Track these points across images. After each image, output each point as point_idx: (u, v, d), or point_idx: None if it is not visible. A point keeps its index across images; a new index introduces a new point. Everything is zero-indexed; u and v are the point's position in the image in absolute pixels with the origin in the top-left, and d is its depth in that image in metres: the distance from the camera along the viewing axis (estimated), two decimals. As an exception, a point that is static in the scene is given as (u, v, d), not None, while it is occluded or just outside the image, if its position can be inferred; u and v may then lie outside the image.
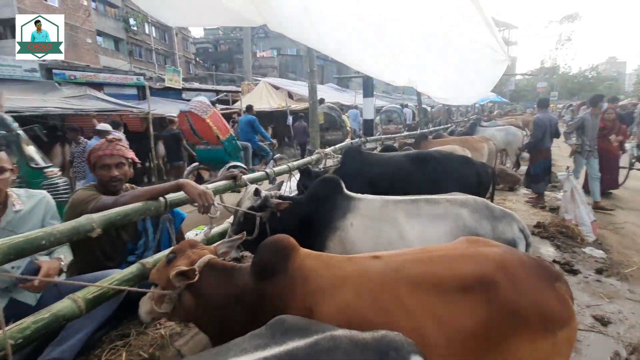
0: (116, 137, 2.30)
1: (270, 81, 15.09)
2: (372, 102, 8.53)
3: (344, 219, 2.06)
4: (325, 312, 1.24)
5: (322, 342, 0.90)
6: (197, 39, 41.38)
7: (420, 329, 1.16)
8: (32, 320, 1.35)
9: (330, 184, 2.24)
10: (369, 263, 1.35)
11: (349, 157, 3.30)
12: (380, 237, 1.93)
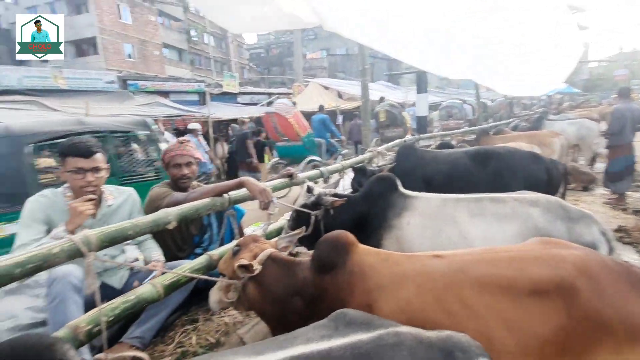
0: (185, 139, 2.52)
1: (319, 82, 15.28)
2: (425, 99, 8.24)
3: (400, 217, 2.03)
4: (384, 309, 1.23)
5: (386, 337, 0.90)
6: (251, 45, 43.26)
7: (488, 333, 1.11)
8: (121, 301, 1.54)
9: (385, 182, 2.22)
10: (430, 262, 1.32)
11: (403, 155, 3.23)
12: (439, 236, 1.87)
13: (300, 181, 2.70)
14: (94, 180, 1.83)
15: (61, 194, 1.87)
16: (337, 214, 2.12)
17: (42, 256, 1.20)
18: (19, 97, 8.87)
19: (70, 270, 1.60)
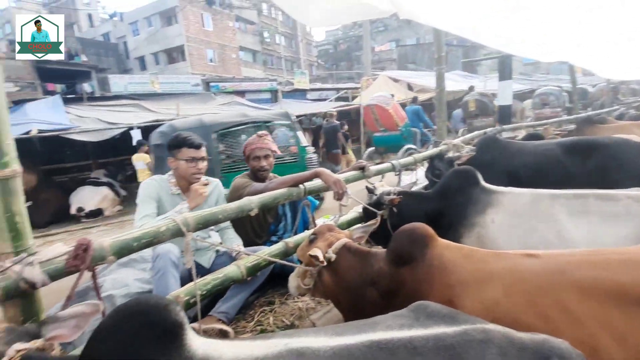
0: (264, 133, 2.66)
1: (388, 74, 14.88)
2: (509, 86, 7.47)
3: (484, 214, 1.88)
4: (468, 307, 1.17)
5: (472, 332, 0.85)
6: (319, 42, 44.01)
7: (592, 342, 0.99)
8: (212, 278, 1.71)
9: (464, 176, 2.07)
10: (522, 261, 1.21)
11: (484, 147, 2.99)
12: (531, 236, 1.68)
13: (371, 174, 2.68)
14: (202, 169, 2.13)
15: (166, 180, 2.17)
16: (406, 212, 2.04)
17: (153, 233, 1.39)
18: (125, 100, 10.35)
19: (170, 248, 1.83)
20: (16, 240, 1.12)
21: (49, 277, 1.14)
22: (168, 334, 0.80)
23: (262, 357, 0.82)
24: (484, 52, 18.59)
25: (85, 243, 1.19)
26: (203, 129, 4.39)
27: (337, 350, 0.82)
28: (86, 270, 1.21)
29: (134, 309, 0.82)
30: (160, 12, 24.24)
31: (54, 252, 1.16)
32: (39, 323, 0.94)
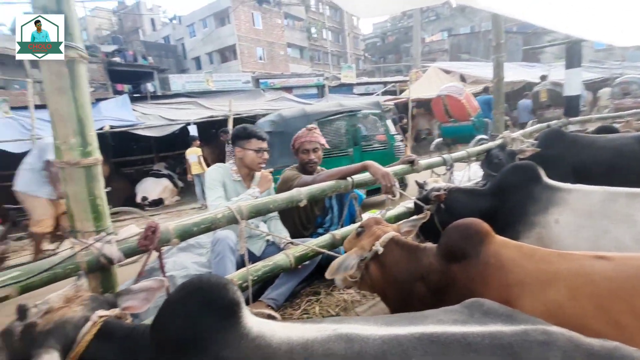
0: (313, 126, 2.70)
1: (440, 65, 14.21)
2: (578, 75, 6.76)
3: (546, 213, 1.73)
4: (527, 309, 1.10)
5: (533, 333, 0.80)
6: (366, 35, 43.26)
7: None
8: (262, 265, 1.79)
9: (524, 171, 1.92)
10: (591, 263, 1.11)
11: (549, 141, 2.75)
12: (602, 239, 1.52)
13: (420, 168, 2.60)
14: (266, 159, 2.34)
15: (228, 168, 2.34)
16: (456, 208, 1.95)
17: (210, 219, 1.50)
18: (183, 99, 11.07)
19: (228, 234, 1.95)
20: (97, 220, 1.27)
21: (123, 254, 1.27)
22: (227, 310, 0.86)
23: (312, 339, 0.84)
24: (548, 39, 16.96)
25: (153, 226, 1.32)
26: (306, 118, 4.82)
27: (386, 340, 0.82)
28: (154, 250, 1.34)
29: (197, 286, 0.90)
30: (214, 13, 25.50)
31: (128, 232, 1.29)
32: (115, 294, 1.06)
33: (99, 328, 0.89)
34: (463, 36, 25.48)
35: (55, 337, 0.83)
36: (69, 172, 1.21)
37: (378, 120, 5.45)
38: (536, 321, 0.86)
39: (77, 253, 1.18)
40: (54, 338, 0.83)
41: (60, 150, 1.18)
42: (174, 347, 0.84)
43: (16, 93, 16.65)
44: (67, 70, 1.16)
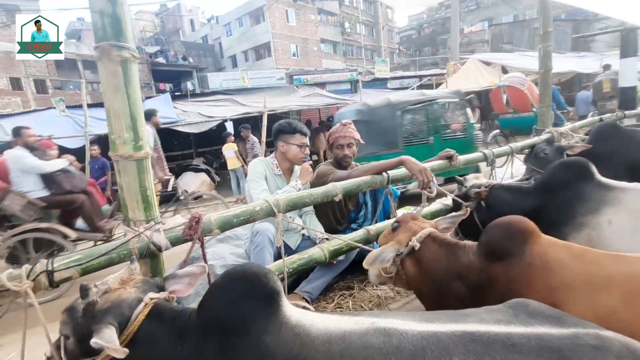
0: (348, 122, 2.69)
1: (479, 57, 13.54)
2: (634, 64, 6.17)
3: (597, 214, 1.61)
4: (574, 313, 1.04)
5: (584, 337, 0.76)
6: (401, 28, 42.20)
7: None
8: (298, 258, 1.83)
9: (574, 168, 1.79)
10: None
11: (602, 136, 2.54)
12: None
13: (459, 163, 2.52)
14: (306, 154, 2.40)
15: (270, 161, 2.41)
16: (498, 206, 1.86)
17: (249, 212, 1.55)
18: (220, 96, 11.45)
19: (268, 227, 2.01)
20: (147, 210, 1.36)
21: (170, 242, 1.35)
22: (268, 298, 0.89)
23: (349, 331, 0.85)
24: (600, 27, 15.60)
25: (197, 216, 1.39)
26: (390, 107, 5.08)
27: (425, 336, 0.81)
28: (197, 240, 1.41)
29: (241, 274, 0.94)
30: (249, 12, 26.03)
31: (175, 222, 1.37)
32: (163, 279, 1.13)
33: (150, 309, 0.95)
34: (505, 25, 24.09)
35: (112, 315, 0.91)
36: (123, 165, 1.30)
37: (458, 108, 5.49)
38: (587, 325, 0.81)
39: (130, 240, 1.27)
40: (112, 316, 0.91)
41: (115, 144, 1.28)
42: (218, 329, 0.88)
43: (71, 93, 18.09)
44: (121, 70, 1.24)
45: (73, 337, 0.94)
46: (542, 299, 1.12)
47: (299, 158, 2.36)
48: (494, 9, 28.28)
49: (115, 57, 1.22)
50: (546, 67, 3.64)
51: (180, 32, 31.64)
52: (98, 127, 7.24)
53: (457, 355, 0.75)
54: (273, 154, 2.45)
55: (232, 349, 0.85)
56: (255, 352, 0.83)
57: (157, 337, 0.93)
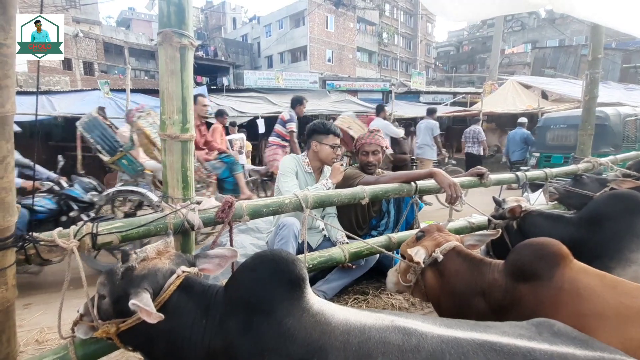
0: (376, 129, 2.71)
1: (519, 79, 13.17)
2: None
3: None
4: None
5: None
6: (440, 43, 41.73)
7: None
8: (318, 255, 1.86)
9: (627, 201, 1.68)
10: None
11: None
12: None
13: (490, 182, 2.47)
14: (338, 155, 2.45)
15: (301, 159, 2.46)
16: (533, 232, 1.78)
17: (278, 203, 1.60)
18: (254, 93, 11.74)
19: (294, 221, 2.05)
20: (185, 189, 1.43)
21: (202, 222, 1.42)
22: (293, 283, 0.93)
23: (369, 325, 0.87)
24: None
25: (230, 201, 1.45)
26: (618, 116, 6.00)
27: (444, 339, 0.82)
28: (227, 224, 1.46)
29: (270, 257, 0.98)
30: (291, 15, 26.56)
31: (209, 204, 1.44)
32: (194, 256, 1.19)
33: (181, 281, 1.01)
34: (549, 49, 23.30)
35: (148, 281, 0.97)
36: (169, 144, 1.38)
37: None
38: (614, 351, 0.80)
39: (167, 215, 1.35)
40: (148, 282, 0.97)
41: (165, 124, 1.36)
42: (243, 307, 0.93)
43: (115, 77, 19.05)
44: (179, 55, 1.33)
45: (109, 298, 1.00)
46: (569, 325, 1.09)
47: (331, 158, 2.39)
48: (540, 31, 27.46)
49: (175, 43, 1.31)
50: (592, 94, 3.51)
51: (222, 29, 32.69)
52: (137, 111, 7.60)
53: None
54: (305, 152, 2.51)
55: (255, 327, 0.89)
56: (277, 332, 0.86)
57: (184, 309, 0.98)
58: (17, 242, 1.11)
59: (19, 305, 2.75)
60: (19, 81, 10.32)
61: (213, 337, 0.93)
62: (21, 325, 2.22)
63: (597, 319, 1.07)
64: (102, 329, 0.99)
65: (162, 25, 1.32)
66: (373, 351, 0.81)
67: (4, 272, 1.10)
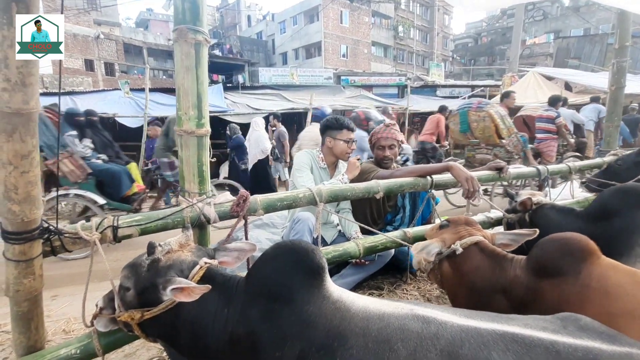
0: (391, 123, 2.67)
1: (541, 71, 12.67)
2: None
3: None
4: None
5: (638, 358, 0.72)
6: (457, 36, 40.75)
7: None
8: (333, 249, 1.85)
9: (633, 195, 1.63)
10: None
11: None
12: None
13: (509, 176, 2.40)
14: (353, 150, 2.40)
15: (316, 154, 2.45)
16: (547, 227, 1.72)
17: (293, 197, 1.60)
18: (268, 90, 11.80)
19: (309, 216, 2.06)
20: (201, 184, 1.45)
21: (218, 216, 1.44)
22: (313, 272, 0.94)
23: (388, 313, 0.87)
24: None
25: (245, 195, 1.46)
26: None
27: (464, 329, 0.81)
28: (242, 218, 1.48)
29: (290, 247, 1.00)
30: (305, 11, 26.51)
31: (224, 198, 1.46)
32: (213, 249, 1.21)
33: (204, 272, 1.03)
34: (573, 39, 22.35)
35: (174, 271, 1.00)
36: (185, 139, 1.40)
37: None
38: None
39: (184, 209, 1.37)
40: (174, 272, 1.00)
41: (181, 120, 1.38)
42: (264, 296, 0.94)
43: (134, 77, 19.56)
44: (194, 52, 1.34)
45: (134, 290, 1.03)
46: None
47: (345, 154, 2.37)
48: (563, 20, 26.39)
49: (190, 40, 1.32)
50: (618, 84, 3.34)
51: (237, 27, 32.97)
52: (156, 109, 7.78)
53: (496, 351, 0.74)
54: (319, 147, 2.50)
55: (276, 315, 0.90)
56: (298, 319, 0.88)
57: (207, 298, 0.99)
58: (43, 234, 1.16)
59: (47, 296, 2.88)
60: (44, 82, 10.73)
61: (235, 325, 0.95)
62: (49, 316, 2.32)
63: (627, 318, 1.02)
64: (127, 314, 1.02)
65: (177, 22, 1.34)
66: (392, 337, 0.82)
67: (31, 262, 1.15)
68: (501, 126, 4.70)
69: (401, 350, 0.79)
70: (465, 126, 5.18)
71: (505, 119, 4.77)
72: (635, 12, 2.62)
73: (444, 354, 0.76)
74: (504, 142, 4.81)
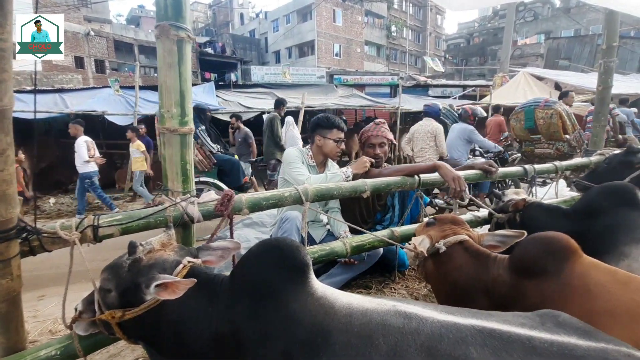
0: (382, 121, 2.67)
1: (531, 71, 12.83)
2: None
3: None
4: None
5: (613, 353, 0.73)
6: (450, 36, 41.02)
7: None
8: (319, 249, 1.85)
9: (618, 193, 1.66)
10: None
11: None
12: None
13: (496, 176, 2.42)
14: (341, 149, 2.40)
15: (305, 152, 2.43)
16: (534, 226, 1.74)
17: (278, 197, 1.59)
18: (261, 89, 11.74)
19: (297, 215, 2.05)
20: (185, 183, 1.44)
21: (202, 215, 1.42)
22: (298, 269, 0.94)
23: (371, 309, 0.88)
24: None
25: (229, 194, 1.45)
26: None
27: (444, 325, 0.82)
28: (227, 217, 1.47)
29: (274, 244, 1.00)
30: (298, 9, 26.42)
31: (209, 197, 1.44)
32: (197, 248, 1.19)
33: (187, 271, 1.02)
34: (564, 40, 22.65)
35: (157, 270, 0.99)
36: (168, 137, 1.38)
37: None
38: (620, 343, 0.78)
39: (167, 208, 1.36)
40: (156, 271, 0.99)
41: (164, 117, 1.37)
42: (249, 292, 0.94)
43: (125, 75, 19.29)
44: (176, 48, 1.33)
45: (115, 291, 1.01)
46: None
47: (334, 153, 2.37)
48: (554, 22, 26.73)
49: (172, 36, 1.30)
50: (605, 84, 3.39)
51: (230, 25, 32.75)
52: (146, 107, 7.68)
53: (474, 346, 0.76)
54: (308, 145, 2.49)
55: (261, 311, 0.90)
56: (282, 316, 0.88)
57: (191, 297, 0.98)
58: (20, 233, 1.13)
59: (34, 296, 2.83)
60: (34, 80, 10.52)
61: (220, 323, 0.95)
62: (36, 316, 2.28)
63: (608, 317, 1.03)
64: (108, 312, 1.00)
65: (160, 19, 1.32)
66: (374, 332, 0.83)
67: (8, 262, 1.12)
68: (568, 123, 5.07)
69: (382, 346, 0.80)
70: (531, 122, 5.54)
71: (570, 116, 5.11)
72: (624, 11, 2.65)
73: (423, 349, 0.78)
74: (568, 137, 5.15)
